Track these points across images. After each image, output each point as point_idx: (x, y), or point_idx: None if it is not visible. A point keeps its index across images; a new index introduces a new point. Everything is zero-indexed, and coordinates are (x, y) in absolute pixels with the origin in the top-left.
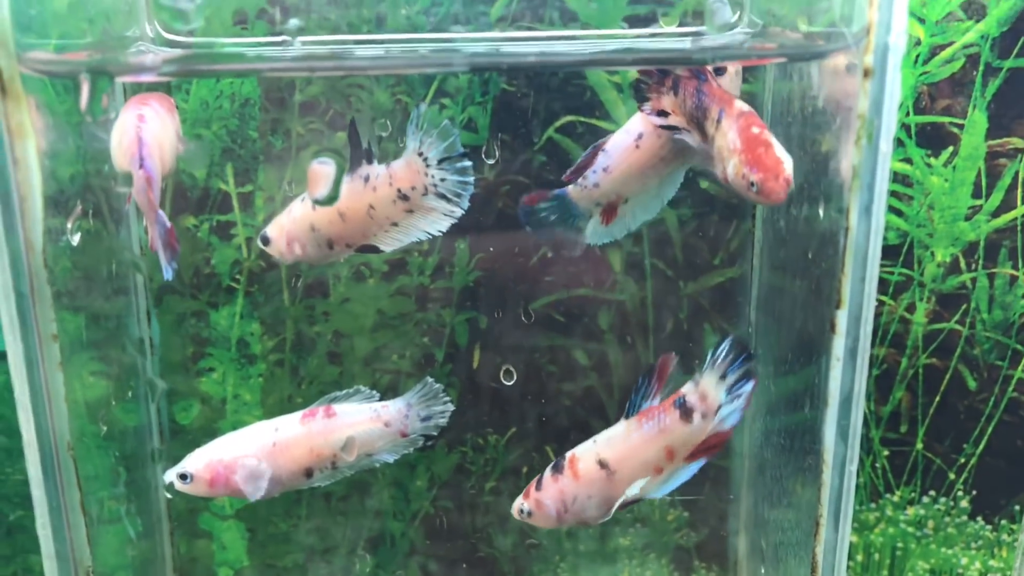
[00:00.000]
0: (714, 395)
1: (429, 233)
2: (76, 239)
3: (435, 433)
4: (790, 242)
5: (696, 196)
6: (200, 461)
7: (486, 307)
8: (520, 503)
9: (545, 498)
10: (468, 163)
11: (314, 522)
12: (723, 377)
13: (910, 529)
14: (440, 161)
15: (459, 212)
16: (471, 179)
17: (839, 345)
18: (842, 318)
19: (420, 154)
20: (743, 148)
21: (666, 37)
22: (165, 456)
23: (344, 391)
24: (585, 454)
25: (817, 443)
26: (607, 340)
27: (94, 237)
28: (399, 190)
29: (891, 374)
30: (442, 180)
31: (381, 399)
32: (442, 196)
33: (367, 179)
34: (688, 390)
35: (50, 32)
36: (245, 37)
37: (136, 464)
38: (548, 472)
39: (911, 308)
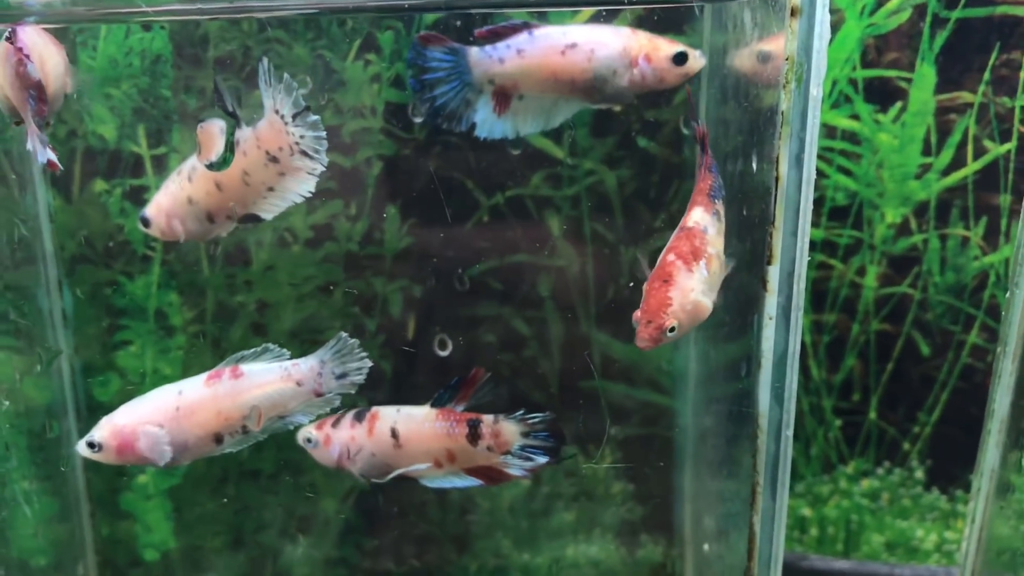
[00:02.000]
0: (506, 440)
1: (302, 195)
2: None
3: (352, 391)
4: (728, 201)
5: (635, 156)
6: (106, 429)
7: (420, 275)
8: (309, 432)
9: (336, 438)
10: (316, 117)
11: (243, 501)
12: (525, 435)
13: (864, 501)
14: (294, 117)
15: (320, 169)
16: (324, 133)
17: (771, 303)
18: (774, 274)
19: (277, 111)
20: (652, 274)
21: None
22: (82, 434)
23: (252, 350)
24: (385, 416)
25: (752, 407)
26: (547, 308)
27: None
28: (267, 152)
29: (842, 341)
30: (301, 137)
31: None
32: (304, 154)
33: (237, 144)
34: (487, 420)
35: None
36: None
37: (49, 443)
38: (350, 416)
39: (861, 271)
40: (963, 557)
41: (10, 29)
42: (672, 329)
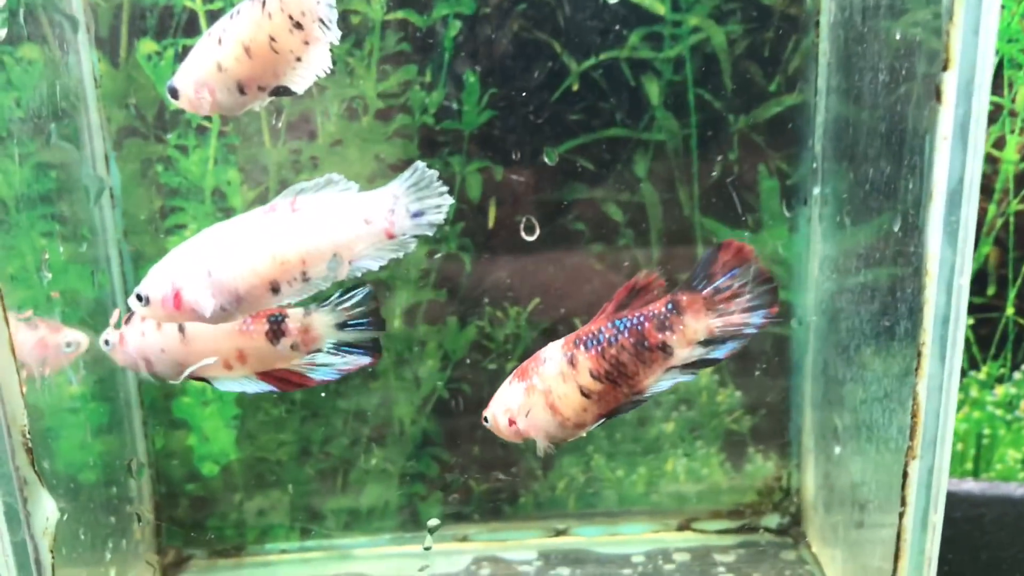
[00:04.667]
0: (316, 336)
1: (325, 71)
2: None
3: (429, 233)
4: (865, 52)
5: (747, 7)
6: (153, 279)
7: (502, 153)
8: (107, 333)
9: (129, 336)
10: None
11: (310, 408)
12: (340, 326)
13: (999, 411)
14: None
15: (334, 40)
16: (333, 1)
17: (946, 118)
18: (950, 83)
19: None
20: None
21: None
22: None
23: (313, 181)
24: None
25: (918, 249)
26: (644, 190)
27: (35, 67)
28: (291, 17)
29: (976, 224)
30: (318, 2)
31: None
32: (321, 21)
33: (264, 4)
34: (294, 314)
35: None
36: None
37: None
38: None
39: (1000, 143)
40: None
41: None
42: (485, 420)
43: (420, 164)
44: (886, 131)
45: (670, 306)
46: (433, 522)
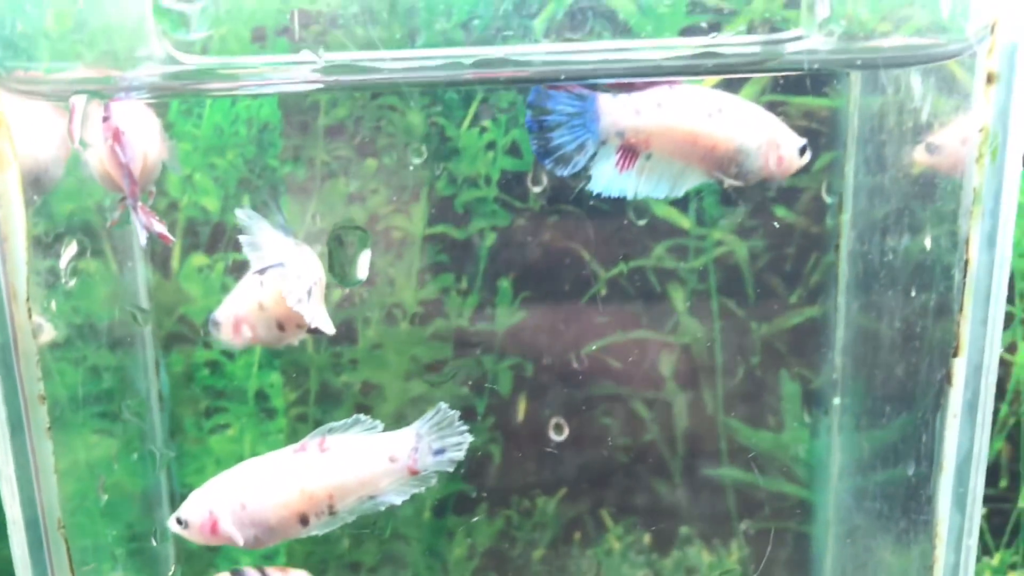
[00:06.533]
0: None
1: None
2: (72, 283)
3: (450, 469)
4: (884, 277)
5: (769, 225)
6: (192, 505)
7: (533, 353)
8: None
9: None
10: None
11: None
12: None
13: None
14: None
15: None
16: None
17: (956, 399)
18: (960, 367)
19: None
20: None
21: (732, 44)
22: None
23: (342, 421)
24: None
25: (927, 514)
26: (669, 389)
27: (94, 279)
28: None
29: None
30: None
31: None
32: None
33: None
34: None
35: (39, 51)
36: (263, 55)
37: (143, 535)
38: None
39: (1012, 348)
40: None
41: (104, 107)
42: None
43: (442, 405)
44: (904, 374)
45: None
46: None
